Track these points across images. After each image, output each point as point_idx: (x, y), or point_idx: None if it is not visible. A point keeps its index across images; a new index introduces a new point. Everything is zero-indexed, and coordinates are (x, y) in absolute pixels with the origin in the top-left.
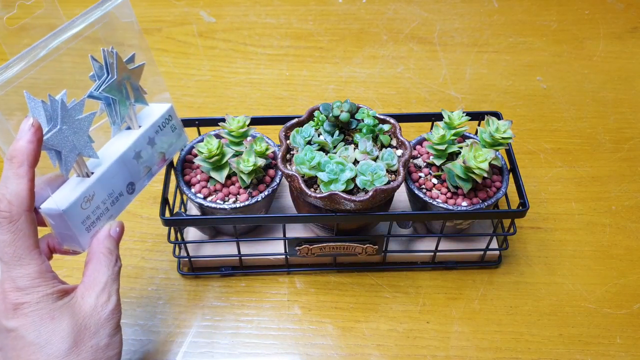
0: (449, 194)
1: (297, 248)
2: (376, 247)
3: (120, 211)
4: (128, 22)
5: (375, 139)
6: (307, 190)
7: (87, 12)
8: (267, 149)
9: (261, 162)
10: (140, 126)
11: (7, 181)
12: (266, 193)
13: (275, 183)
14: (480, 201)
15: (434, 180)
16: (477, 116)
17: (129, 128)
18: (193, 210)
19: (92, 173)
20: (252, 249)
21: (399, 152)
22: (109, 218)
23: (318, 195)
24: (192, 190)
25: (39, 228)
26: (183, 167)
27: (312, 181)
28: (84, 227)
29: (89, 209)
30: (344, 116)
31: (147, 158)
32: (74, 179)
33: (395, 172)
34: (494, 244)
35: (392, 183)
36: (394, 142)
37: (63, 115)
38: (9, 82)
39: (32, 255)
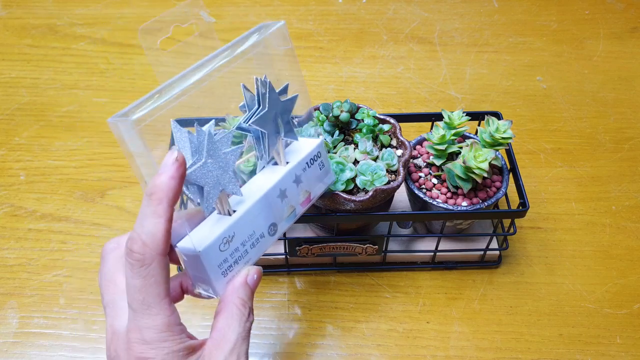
0: (449, 194)
1: (297, 248)
2: (376, 247)
3: (259, 255)
4: (284, 49)
5: (375, 139)
6: None
7: (242, 37)
8: None
9: None
10: (287, 162)
11: (144, 219)
12: None
13: None
14: (480, 201)
15: (434, 180)
16: (477, 116)
17: (275, 163)
18: None
19: (234, 211)
20: None
21: (399, 152)
22: (247, 262)
23: None
24: None
25: (171, 266)
26: None
27: None
28: (220, 270)
29: (227, 251)
30: (344, 116)
31: (291, 197)
32: (214, 216)
33: (395, 172)
34: (494, 244)
35: (392, 183)
36: (394, 142)
37: (209, 148)
38: (159, 108)
39: (162, 304)
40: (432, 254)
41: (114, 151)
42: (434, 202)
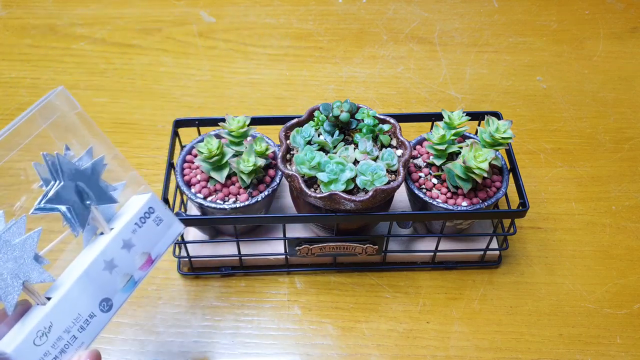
0: (449, 194)
1: (297, 248)
2: (376, 247)
3: (94, 336)
4: (75, 112)
5: (375, 139)
6: (307, 190)
7: (25, 114)
8: (267, 149)
9: (261, 162)
10: (112, 229)
11: None
12: (266, 193)
13: (275, 183)
14: (480, 201)
15: (434, 180)
16: (477, 116)
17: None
18: (193, 210)
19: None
20: (252, 249)
21: (399, 152)
22: (79, 347)
23: (318, 195)
24: (192, 190)
25: None
26: (183, 167)
27: (312, 181)
28: None
29: (46, 343)
30: (344, 116)
31: (123, 265)
32: (33, 308)
33: (395, 172)
34: (494, 244)
35: (392, 183)
36: (394, 142)
37: None
38: None
39: None
40: (432, 254)
41: None
42: (434, 202)
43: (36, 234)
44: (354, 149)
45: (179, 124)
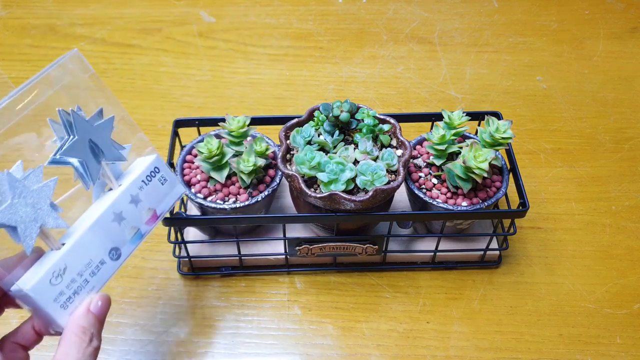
0: (449, 194)
1: (297, 248)
2: (376, 247)
3: (104, 281)
4: (88, 75)
5: (375, 139)
6: (307, 190)
7: (38, 75)
8: (267, 149)
9: (261, 162)
10: (120, 185)
11: None
12: (266, 193)
13: (275, 183)
14: (480, 201)
15: (434, 180)
16: (477, 116)
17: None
18: (193, 210)
19: (64, 244)
20: (252, 249)
21: (399, 152)
22: (91, 290)
23: (318, 195)
24: (192, 190)
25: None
26: (183, 167)
27: (312, 181)
28: (58, 304)
29: (61, 284)
30: (344, 116)
31: (131, 218)
32: (48, 252)
33: (395, 172)
34: (494, 244)
35: (392, 183)
36: (394, 142)
37: (14, 188)
38: None
39: None
40: (432, 254)
41: None
42: (434, 202)
43: (52, 182)
44: (354, 149)
45: (179, 124)
